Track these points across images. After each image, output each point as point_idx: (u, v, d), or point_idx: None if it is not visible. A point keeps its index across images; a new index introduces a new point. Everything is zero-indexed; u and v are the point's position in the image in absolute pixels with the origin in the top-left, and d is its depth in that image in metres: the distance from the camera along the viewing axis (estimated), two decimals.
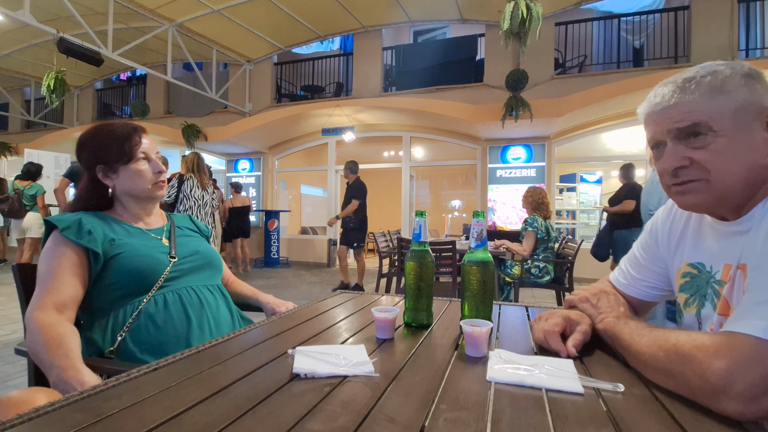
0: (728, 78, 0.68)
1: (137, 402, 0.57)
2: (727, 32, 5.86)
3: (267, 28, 7.60)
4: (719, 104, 0.67)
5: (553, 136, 6.84)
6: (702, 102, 0.68)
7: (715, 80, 0.68)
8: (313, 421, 0.52)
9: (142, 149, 1.15)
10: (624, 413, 0.55)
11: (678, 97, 0.70)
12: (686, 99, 0.70)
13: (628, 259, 0.97)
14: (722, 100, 0.67)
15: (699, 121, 0.68)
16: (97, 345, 1.00)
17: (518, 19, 4.82)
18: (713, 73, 0.69)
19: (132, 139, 1.14)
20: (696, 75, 0.70)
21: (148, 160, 1.16)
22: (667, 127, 0.72)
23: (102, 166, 1.13)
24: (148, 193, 1.17)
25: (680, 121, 0.70)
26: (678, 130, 0.71)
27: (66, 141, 9.42)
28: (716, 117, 0.67)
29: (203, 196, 3.91)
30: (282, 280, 6.42)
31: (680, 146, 0.71)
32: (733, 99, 0.67)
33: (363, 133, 7.93)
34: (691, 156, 0.70)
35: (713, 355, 0.56)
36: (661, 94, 0.73)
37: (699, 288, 0.78)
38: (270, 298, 1.31)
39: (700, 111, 0.68)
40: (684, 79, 0.71)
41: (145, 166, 1.16)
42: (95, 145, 1.14)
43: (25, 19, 4.94)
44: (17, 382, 2.36)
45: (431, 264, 0.98)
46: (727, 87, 0.68)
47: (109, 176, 1.14)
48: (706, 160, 0.68)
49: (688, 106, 0.69)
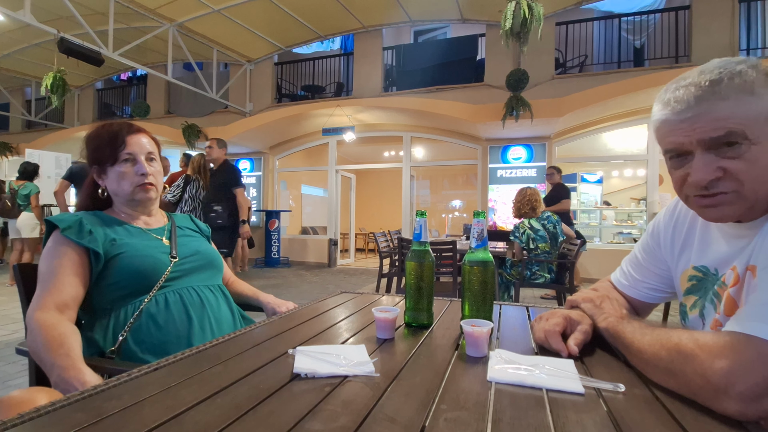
0: (755, 80, 0.63)
1: (138, 402, 0.57)
2: (728, 32, 5.85)
3: (267, 28, 7.61)
4: (752, 109, 0.62)
5: (553, 136, 6.84)
6: (735, 108, 0.62)
7: (744, 83, 0.62)
8: (314, 421, 0.52)
9: (127, 150, 1.12)
10: (625, 413, 0.55)
11: (707, 103, 0.63)
12: (718, 105, 0.63)
13: (630, 260, 0.97)
14: (754, 104, 0.62)
15: (734, 130, 0.62)
16: (98, 345, 1.00)
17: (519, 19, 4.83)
18: (739, 74, 0.63)
19: (116, 140, 1.12)
20: (722, 77, 0.63)
21: (134, 161, 1.13)
22: (696, 137, 0.65)
23: (96, 166, 1.15)
24: (129, 196, 1.14)
25: (713, 130, 0.63)
26: (711, 140, 0.64)
27: (67, 141, 9.43)
28: (750, 124, 0.62)
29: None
30: (282, 280, 6.42)
31: (711, 156, 0.65)
32: (764, 102, 0.62)
33: (363, 133, 7.93)
34: (725, 166, 0.64)
35: (715, 354, 0.56)
36: (683, 100, 0.66)
37: (705, 291, 0.78)
38: (270, 298, 1.31)
39: (734, 118, 0.62)
40: (711, 81, 0.64)
41: (128, 168, 1.13)
42: (90, 146, 1.15)
43: (26, 19, 4.95)
44: (18, 381, 2.36)
45: (432, 264, 0.97)
46: (757, 90, 0.62)
47: (101, 177, 1.16)
48: (741, 170, 0.63)
49: (720, 113, 0.63)
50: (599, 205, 7.93)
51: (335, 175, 8.47)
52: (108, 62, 6.17)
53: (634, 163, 8.49)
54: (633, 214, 7.95)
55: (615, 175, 9.37)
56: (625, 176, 9.28)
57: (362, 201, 11.05)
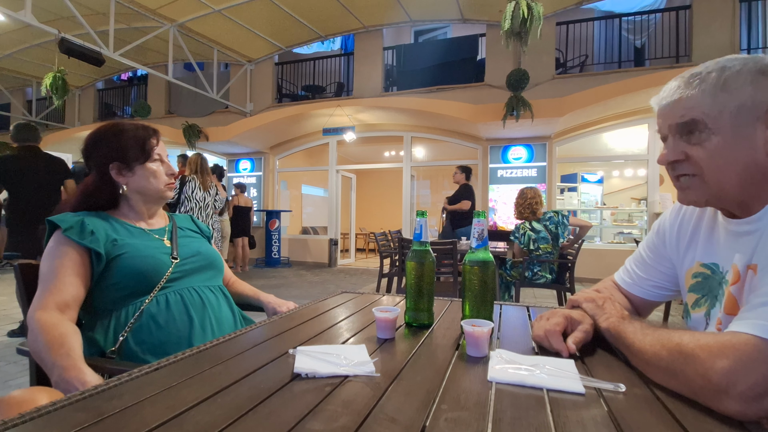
0: (735, 75, 0.67)
1: (138, 402, 0.57)
2: (729, 31, 5.85)
3: (268, 28, 7.61)
4: (720, 102, 0.67)
5: (554, 136, 6.84)
6: (702, 99, 0.68)
7: (720, 77, 0.68)
8: (314, 421, 0.52)
9: (158, 151, 1.20)
10: (625, 413, 0.55)
11: (680, 92, 0.71)
12: (687, 94, 0.70)
13: (634, 258, 0.97)
14: (724, 98, 0.67)
15: (696, 118, 0.69)
16: (99, 345, 1.00)
17: (519, 19, 4.82)
18: (720, 70, 0.68)
19: (151, 140, 1.18)
20: (702, 71, 0.70)
21: (162, 161, 1.21)
22: (668, 122, 0.74)
23: (117, 163, 1.14)
24: (159, 193, 1.20)
25: (679, 116, 0.71)
26: (677, 126, 0.72)
27: (67, 141, 9.43)
28: (714, 115, 0.67)
29: (204, 197, 3.99)
30: (283, 280, 6.42)
31: (680, 141, 0.72)
32: (736, 98, 0.66)
33: (364, 133, 7.93)
34: (687, 152, 0.71)
35: (716, 354, 0.56)
36: (668, 89, 0.74)
37: (711, 289, 0.77)
38: (271, 298, 1.31)
39: (698, 108, 0.69)
40: (691, 74, 0.71)
41: (160, 167, 1.20)
42: (113, 143, 1.14)
43: (27, 19, 4.95)
44: (19, 381, 2.36)
45: (432, 264, 0.97)
46: (731, 85, 0.67)
47: (123, 174, 1.15)
48: (701, 157, 0.70)
49: (688, 102, 0.70)
50: (599, 205, 7.92)
51: (336, 175, 8.47)
52: (109, 62, 6.16)
53: (635, 163, 8.47)
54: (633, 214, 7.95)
55: (615, 175, 9.36)
56: (625, 176, 9.26)
57: (363, 201, 11.05)
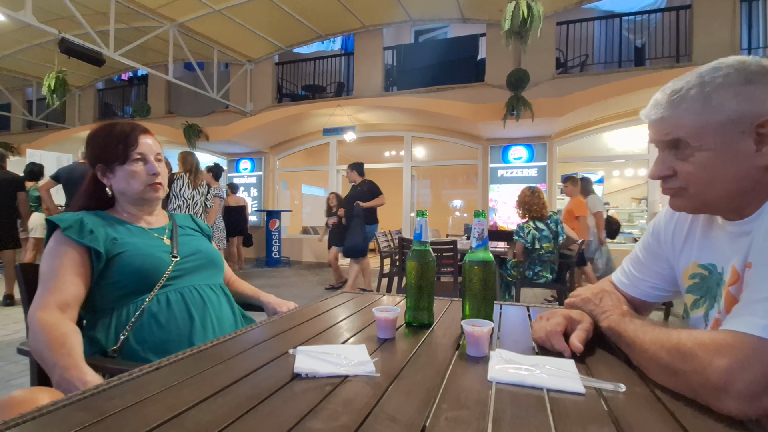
0: (717, 89, 0.66)
1: (139, 401, 0.57)
2: (729, 31, 5.84)
3: (268, 28, 7.60)
4: (703, 119, 0.67)
5: (554, 136, 6.83)
6: (686, 118, 0.69)
7: (701, 93, 0.67)
8: (315, 421, 0.52)
9: (138, 150, 1.14)
10: (625, 413, 0.55)
11: (662, 111, 0.72)
12: (669, 114, 0.71)
13: (630, 259, 0.97)
14: (707, 114, 0.67)
15: (679, 137, 0.70)
16: (99, 344, 1.00)
17: (519, 19, 4.81)
18: (700, 85, 0.68)
19: (128, 140, 1.13)
20: (683, 87, 0.70)
21: (144, 161, 1.15)
22: (655, 138, 0.75)
23: (101, 165, 1.14)
24: (140, 195, 1.16)
25: (664, 134, 0.72)
26: (663, 143, 0.74)
27: (68, 141, 9.43)
28: (697, 132, 0.68)
29: (193, 195, 4.11)
30: (283, 279, 6.42)
31: (669, 156, 0.73)
32: (720, 112, 0.66)
33: (364, 132, 7.93)
34: (675, 167, 0.72)
35: (714, 353, 0.56)
36: (653, 104, 0.74)
37: (709, 290, 0.77)
38: (271, 298, 1.31)
39: (681, 127, 0.69)
40: (672, 90, 0.71)
41: (140, 167, 1.14)
42: (96, 144, 1.15)
43: (27, 19, 4.95)
44: (20, 381, 2.36)
45: (432, 264, 0.98)
46: (714, 100, 0.66)
47: (106, 175, 1.15)
48: (687, 173, 0.71)
49: (671, 120, 0.71)
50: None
51: (336, 174, 8.47)
52: (109, 62, 6.16)
53: (635, 163, 8.47)
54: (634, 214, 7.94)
55: (616, 175, 9.36)
56: (626, 176, 9.27)
57: None
